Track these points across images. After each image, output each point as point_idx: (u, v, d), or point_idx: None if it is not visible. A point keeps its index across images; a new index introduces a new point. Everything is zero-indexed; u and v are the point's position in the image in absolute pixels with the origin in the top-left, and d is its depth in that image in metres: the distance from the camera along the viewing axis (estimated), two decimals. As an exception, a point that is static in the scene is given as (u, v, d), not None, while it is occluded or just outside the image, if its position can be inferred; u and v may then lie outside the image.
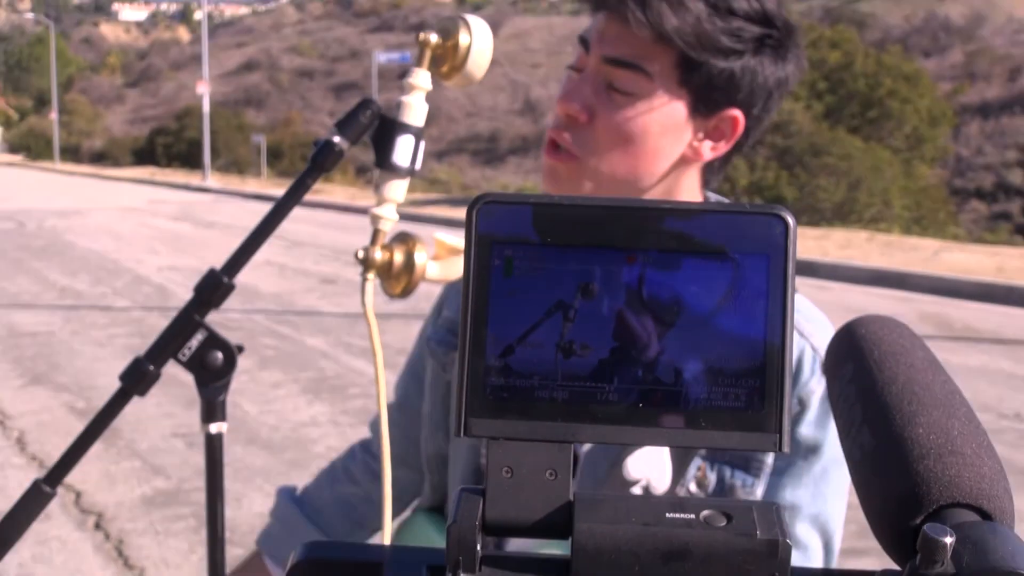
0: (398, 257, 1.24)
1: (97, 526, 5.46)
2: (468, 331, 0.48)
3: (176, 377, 6.64)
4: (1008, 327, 10.91)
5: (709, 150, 1.40)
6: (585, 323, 0.48)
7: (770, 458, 1.32)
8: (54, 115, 61.37)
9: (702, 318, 0.48)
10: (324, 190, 32.91)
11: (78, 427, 6.12)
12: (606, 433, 0.48)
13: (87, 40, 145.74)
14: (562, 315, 0.48)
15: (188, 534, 5.35)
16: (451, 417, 1.57)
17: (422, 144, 1.27)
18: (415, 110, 1.24)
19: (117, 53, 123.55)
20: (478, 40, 1.24)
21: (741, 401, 0.47)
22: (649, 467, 1.32)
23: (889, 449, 0.50)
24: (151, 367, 1.22)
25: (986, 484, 0.49)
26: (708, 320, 0.48)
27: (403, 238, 1.26)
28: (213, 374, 1.26)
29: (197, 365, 1.25)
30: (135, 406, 5.55)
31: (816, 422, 1.34)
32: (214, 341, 1.25)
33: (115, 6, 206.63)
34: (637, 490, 1.32)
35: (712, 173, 1.46)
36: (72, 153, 62.67)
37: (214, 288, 1.25)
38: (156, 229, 21.25)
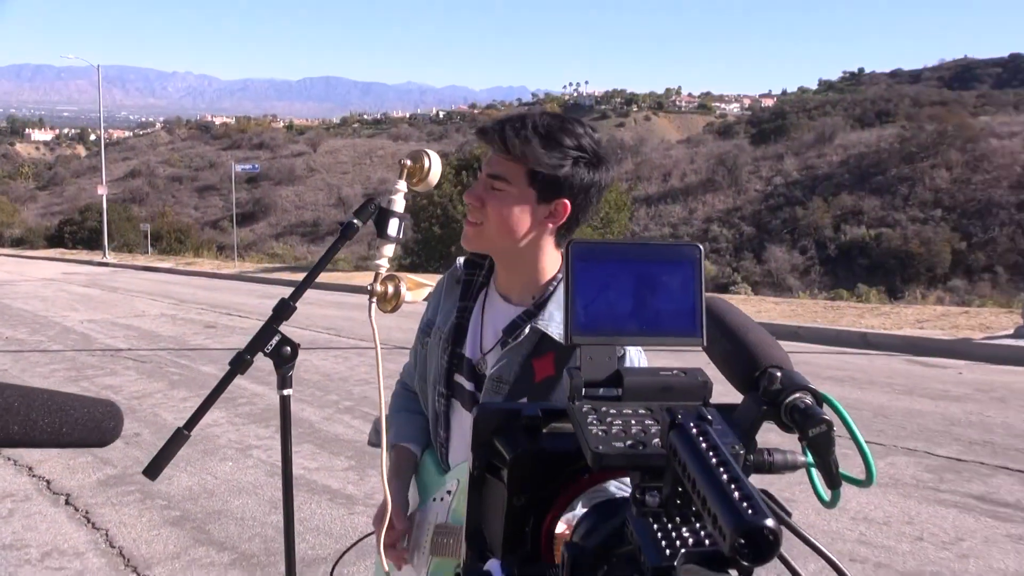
0: (390, 288, 1.46)
1: (67, 502, 5.31)
2: (568, 300, 0.74)
3: (122, 403, 6.47)
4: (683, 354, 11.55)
5: (550, 223, 1.64)
6: (618, 293, 0.74)
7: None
8: (-20, 211, 57.31)
9: (669, 288, 0.75)
10: (196, 263, 31.81)
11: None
12: (630, 341, 0.75)
13: (5, 155, 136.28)
14: (609, 290, 0.74)
15: (137, 504, 5.26)
16: (428, 369, 1.77)
17: (404, 223, 1.49)
18: (398, 204, 1.46)
19: (29, 165, 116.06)
20: (434, 164, 1.46)
21: (686, 324, 0.75)
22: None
23: (738, 346, 0.79)
24: (248, 356, 1.41)
25: (782, 358, 0.77)
26: (672, 289, 0.75)
27: (391, 277, 1.47)
28: (284, 360, 1.46)
29: (276, 355, 1.44)
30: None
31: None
32: (285, 341, 1.45)
33: (27, 130, 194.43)
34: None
35: (562, 236, 1.67)
36: (-4, 239, 58.53)
37: (284, 309, 1.45)
38: (72, 293, 20.14)
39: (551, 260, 1.68)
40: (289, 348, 1.43)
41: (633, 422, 0.68)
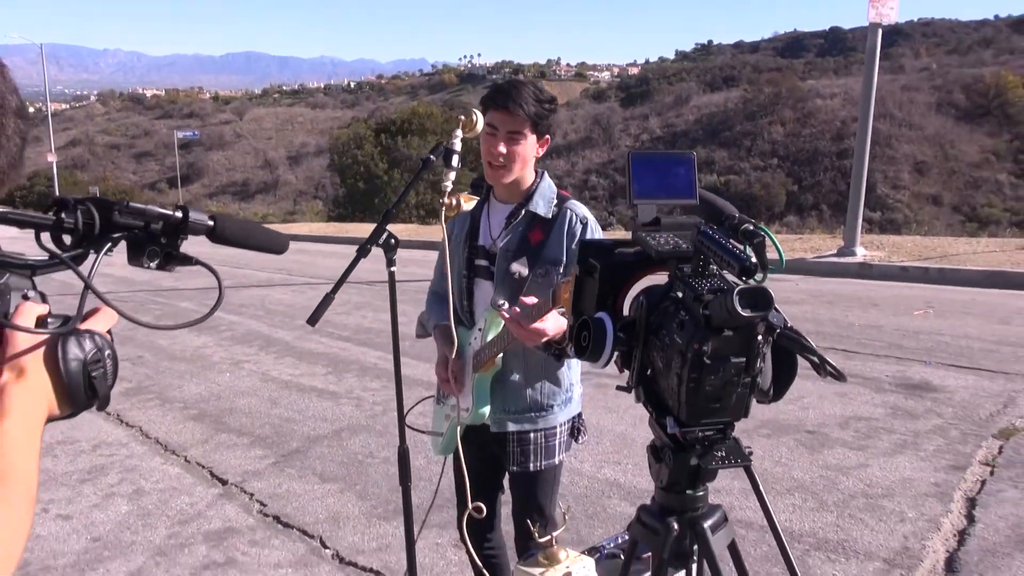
0: (453, 201, 1.88)
1: (99, 409, 5.57)
2: (629, 180, 1.21)
3: (119, 333, 6.73)
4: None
5: (540, 151, 2.09)
6: (653, 176, 1.21)
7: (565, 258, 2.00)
8: (-68, 180, 53.88)
9: (679, 174, 1.23)
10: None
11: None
12: (662, 202, 1.23)
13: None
14: (649, 174, 1.22)
15: (158, 407, 5.54)
16: (452, 264, 2.13)
17: (458, 157, 1.89)
18: (457, 145, 1.86)
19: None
20: (479, 119, 1.88)
21: (688, 191, 1.23)
22: (519, 267, 2.03)
23: (712, 205, 1.27)
24: (368, 245, 1.82)
25: (735, 209, 1.27)
26: (680, 174, 1.23)
27: (453, 192, 1.89)
28: (390, 248, 1.87)
29: (385, 245, 1.85)
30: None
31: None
32: (391, 236, 1.87)
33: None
34: (515, 275, 2.01)
35: (538, 163, 2.13)
36: (-51, 205, 55.33)
37: (388, 214, 1.87)
38: (34, 250, 19.54)
39: (530, 174, 2.12)
40: (393, 240, 1.85)
41: (671, 240, 1.17)
